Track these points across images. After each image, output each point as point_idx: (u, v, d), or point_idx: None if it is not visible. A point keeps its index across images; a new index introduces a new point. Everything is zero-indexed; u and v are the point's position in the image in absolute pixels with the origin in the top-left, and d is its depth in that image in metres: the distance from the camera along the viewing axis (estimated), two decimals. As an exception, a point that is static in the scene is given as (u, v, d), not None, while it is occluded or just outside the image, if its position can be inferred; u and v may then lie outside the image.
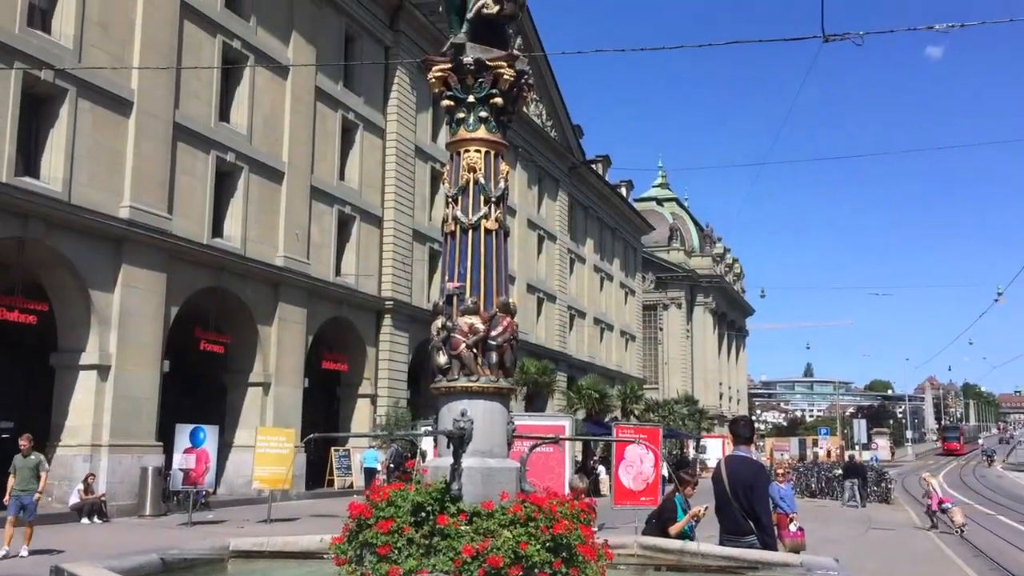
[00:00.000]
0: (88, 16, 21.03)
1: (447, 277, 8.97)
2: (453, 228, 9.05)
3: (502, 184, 9.29)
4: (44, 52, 19.82)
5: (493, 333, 8.42)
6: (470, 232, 8.91)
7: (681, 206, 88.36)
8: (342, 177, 31.18)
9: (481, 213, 8.98)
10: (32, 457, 14.59)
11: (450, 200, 9.31)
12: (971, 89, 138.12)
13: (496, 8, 9.64)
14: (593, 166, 56.44)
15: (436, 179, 35.34)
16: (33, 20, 20.10)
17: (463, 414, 7.50)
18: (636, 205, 69.39)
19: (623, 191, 63.31)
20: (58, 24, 20.61)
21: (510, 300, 8.71)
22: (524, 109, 10.50)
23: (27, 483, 14.38)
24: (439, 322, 8.75)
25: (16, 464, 14.52)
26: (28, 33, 19.63)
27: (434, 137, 36.23)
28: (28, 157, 20.07)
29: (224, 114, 25.82)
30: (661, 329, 76.53)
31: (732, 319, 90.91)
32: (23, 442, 14.66)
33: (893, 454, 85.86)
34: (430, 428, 11.50)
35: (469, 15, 9.86)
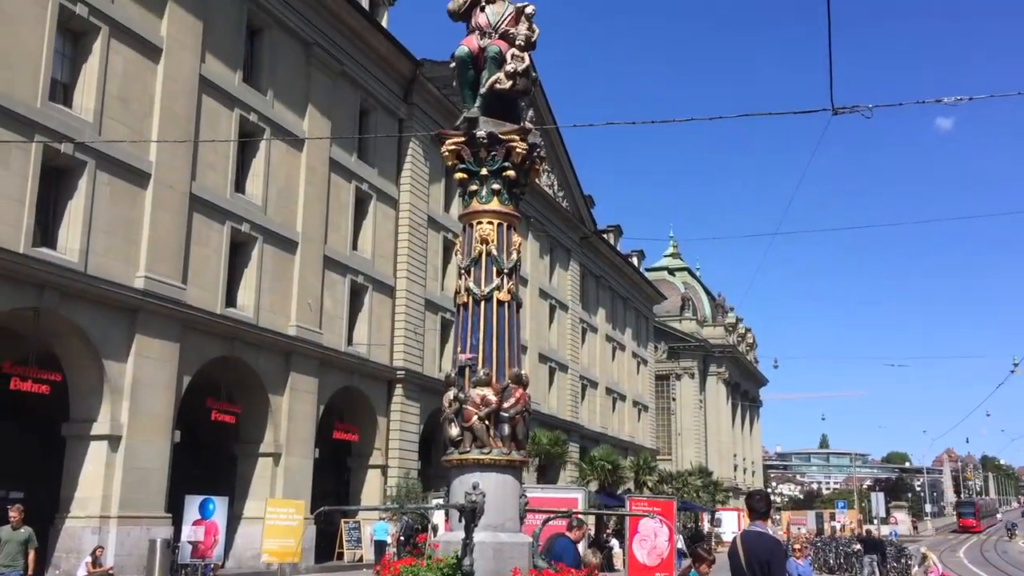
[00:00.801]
0: (109, 91, 21.48)
1: (459, 348, 8.99)
2: (466, 299, 9.11)
3: (515, 255, 9.38)
4: (64, 125, 20.21)
5: (505, 405, 8.41)
6: (482, 303, 8.97)
7: (693, 275, 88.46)
8: (355, 247, 31.41)
9: (494, 285, 9.06)
10: (22, 531, 13.62)
11: (463, 271, 9.38)
12: (983, 159, 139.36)
13: (509, 84, 9.85)
14: (604, 236, 56.74)
15: (448, 249, 35.54)
16: (55, 94, 20.54)
17: (475, 487, 7.43)
18: (648, 274, 69.52)
19: (635, 261, 63.50)
20: (79, 98, 21.05)
21: (522, 371, 8.71)
22: (536, 180, 10.55)
23: (13, 559, 13.38)
24: (451, 393, 8.75)
25: (3, 537, 13.49)
26: (49, 107, 20.04)
27: (447, 207, 36.55)
28: (46, 228, 20.32)
29: (240, 185, 26.16)
30: (674, 399, 75.97)
31: (746, 389, 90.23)
32: (13, 514, 13.67)
33: (916, 528, 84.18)
34: (441, 501, 11.37)
35: (482, 90, 10.07)
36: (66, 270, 19.93)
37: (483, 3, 10.19)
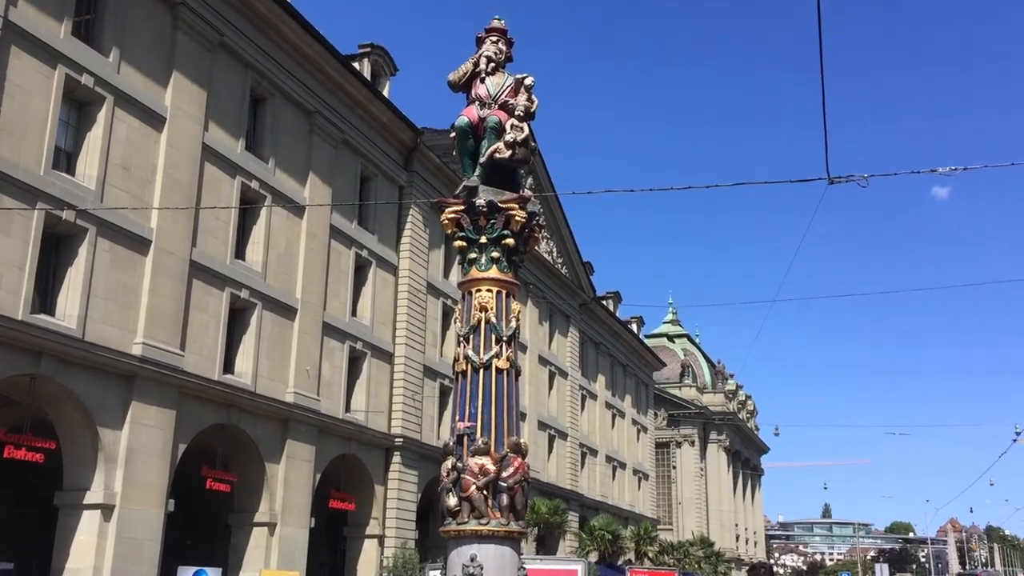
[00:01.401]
0: (112, 158, 21.70)
1: (458, 416, 8.93)
2: (464, 367, 9.08)
3: (513, 323, 9.38)
4: (67, 193, 20.36)
5: (504, 474, 8.32)
6: (481, 371, 8.95)
7: (692, 342, 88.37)
8: (354, 313, 31.42)
9: (492, 352, 9.05)
10: None
11: (461, 339, 9.37)
12: (980, 227, 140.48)
13: (508, 153, 9.97)
14: (604, 302, 56.83)
15: (447, 315, 35.54)
16: (59, 162, 20.74)
17: (472, 559, 7.33)
18: (647, 341, 69.44)
19: (634, 327, 63.49)
20: (82, 166, 21.25)
21: (521, 440, 8.64)
22: (535, 247, 10.64)
23: None
24: (449, 463, 8.67)
25: None
26: (52, 175, 20.22)
27: (446, 274, 36.66)
28: (45, 294, 20.33)
29: (240, 251, 26.27)
30: (674, 467, 75.26)
31: (747, 457, 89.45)
32: None
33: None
34: (439, 573, 11.19)
35: (482, 159, 10.19)
36: (64, 337, 19.89)
37: (483, 74, 10.39)
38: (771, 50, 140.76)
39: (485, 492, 8.20)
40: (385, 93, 33.89)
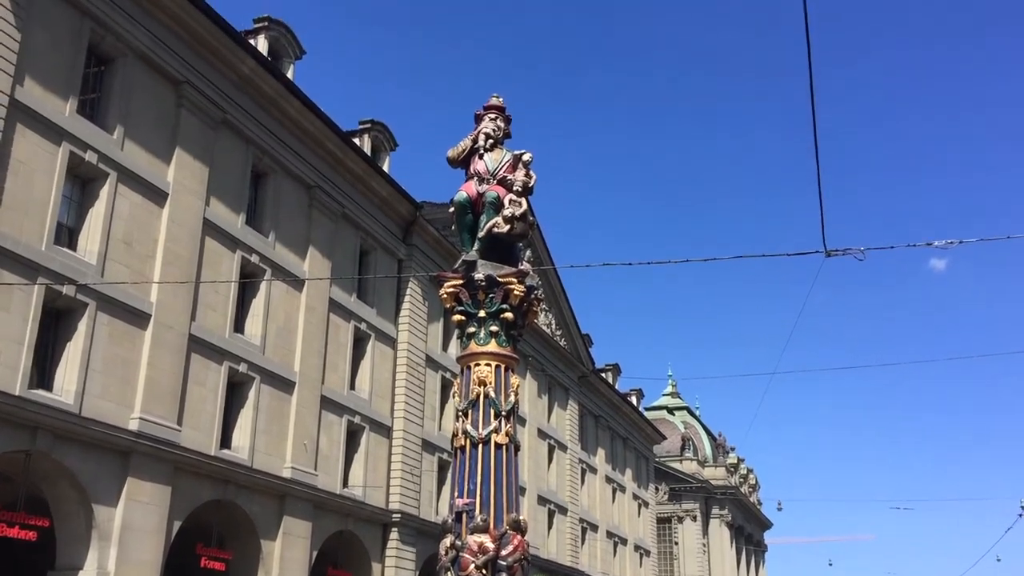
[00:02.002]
0: (113, 234, 21.85)
1: (456, 493, 8.83)
2: (463, 442, 9.03)
3: (512, 398, 9.35)
4: (68, 268, 20.45)
5: (503, 553, 8.20)
6: (480, 447, 8.88)
7: (692, 415, 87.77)
8: (353, 387, 31.29)
9: (491, 427, 8.99)
10: None
11: (460, 414, 9.33)
12: (979, 299, 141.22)
13: (506, 228, 10.06)
14: (603, 375, 56.60)
15: (446, 388, 35.37)
16: (60, 238, 20.87)
17: (472, 641, 7.16)
18: (647, 414, 68.98)
19: (633, 400, 63.14)
20: (84, 241, 21.38)
21: (521, 517, 8.53)
22: (534, 320, 10.68)
23: None
24: (448, 540, 8.55)
25: None
26: (54, 250, 20.33)
27: (445, 346, 36.61)
28: (43, 369, 20.27)
29: (239, 325, 26.27)
30: (676, 543, 74.06)
31: (750, 532, 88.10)
32: None
33: None
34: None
35: (480, 234, 10.28)
36: (61, 412, 19.76)
37: (482, 150, 10.54)
38: (766, 121, 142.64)
39: (484, 571, 8.08)
40: (385, 168, 34.30)
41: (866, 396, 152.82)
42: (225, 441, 25.14)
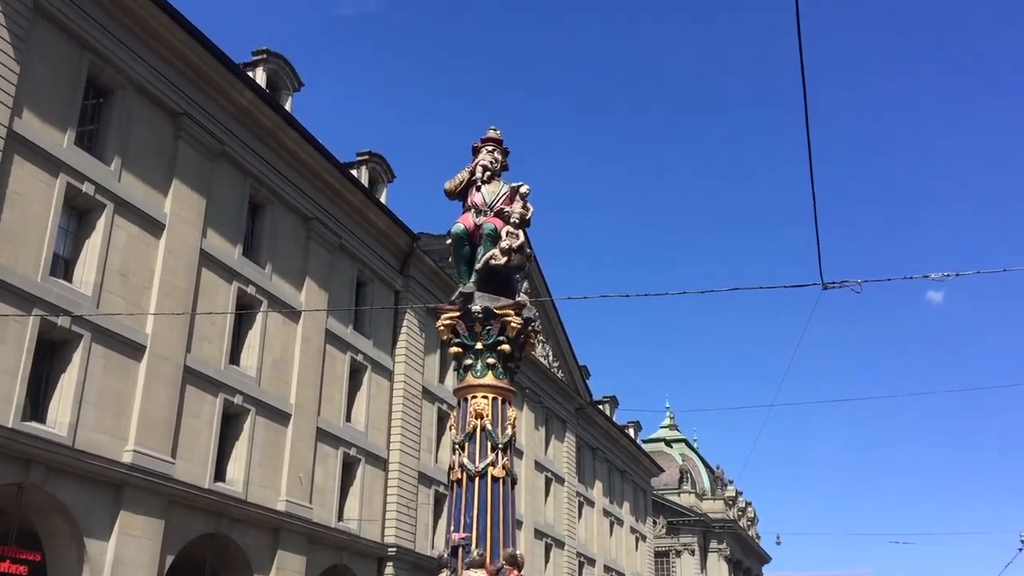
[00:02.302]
0: (110, 265, 21.83)
1: (452, 527, 8.75)
2: (460, 476, 8.96)
3: (509, 430, 9.30)
4: (63, 299, 20.41)
5: (500, 588, 8.10)
6: (477, 480, 8.82)
7: (690, 447, 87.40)
8: (348, 419, 31.14)
9: (488, 460, 8.94)
10: None
11: (457, 447, 9.27)
12: (977, 331, 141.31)
13: (504, 260, 10.06)
14: (600, 407, 56.43)
15: (443, 420, 35.21)
16: (56, 269, 20.85)
17: None
18: (645, 446, 68.68)
19: (631, 432, 62.90)
20: (80, 272, 21.36)
21: (517, 552, 8.45)
22: (531, 352, 10.66)
23: None
24: (444, 575, 8.46)
25: None
26: (49, 282, 20.30)
27: (441, 378, 36.49)
28: (37, 401, 20.16)
29: (235, 356, 26.18)
30: (675, 577, 73.41)
31: (748, 567, 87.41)
32: None
33: None
34: None
35: (478, 266, 10.28)
36: (54, 445, 19.62)
37: (479, 182, 10.57)
38: (763, 152, 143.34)
39: (480, 606, 7.99)
40: (382, 199, 34.39)
41: (865, 429, 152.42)
42: (219, 474, 24.96)
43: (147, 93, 23.40)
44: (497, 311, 9.59)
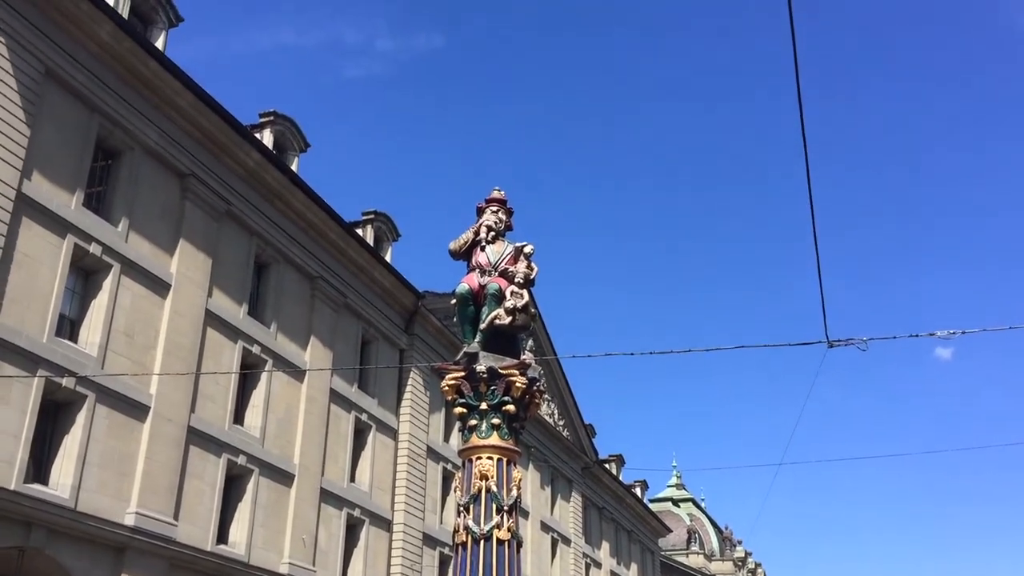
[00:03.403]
0: (115, 325, 21.89)
1: (458, 591, 8.65)
2: (465, 539, 8.88)
3: (515, 492, 9.23)
4: (68, 360, 20.43)
5: (506, 654, 7.98)
6: (482, 543, 8.73)
7: (698, 507, 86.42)
8: (353, 479, 30.90)
9: (493, 523, 8.86)
10: None
11: (461, 509, 9.20)
12: (985, 389, 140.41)
13: (508, 320, 10.10)
14: (607, 466, 55.92)
15: (448, 480, 34.93)
16: (62, 330, 20.91)
17: None
18: (652, 506, 67.93)
19: (638, 491, 62.25)
20: (85, 333, 21.41)
21: (524, 616, 8.35)
22: (536, 411, 10.64)
23: None
24: (449, 642, 8.35)
25: None
26: (55, 342, 20.35)
27: (446, 437, 36.29)
28: (40, 463, 20.06)
29: (239, 416, 26.09)
30: (685, 640, 72.07)
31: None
32: None
33: None
34: None
35: (482, 325, 10.31)
36: (56, 507, 19.48)
37: (483, 242, 10.65)
38: (764, 208, 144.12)
39: (486, 673, 7.86)
40: (387, 258, 34.55)
41: (875, 488, 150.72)
42: (222, 536, 24.71)
43: (155, 155, 23.69)
44: (502, 371, 9.60)
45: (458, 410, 9.83)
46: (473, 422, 9.67)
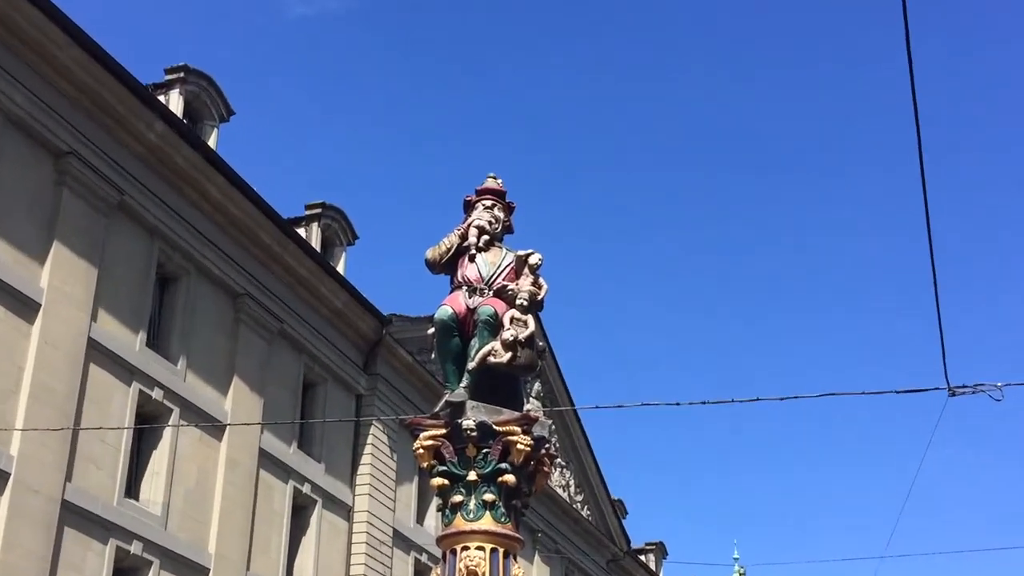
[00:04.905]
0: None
1: None
2: (448, 664, 8.89)
3: (515, 597, 9.25)
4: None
5: None
6: (471, 669, 8.75)
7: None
8: (290, 573, 30.87)
9: (485, 640, 8.87)
10: None
11: (442, 620, 9.21)
12: None
13: (507, 356, 10.08)
14: (642, 556, 55.93)
15: (422, 577, 34.90)
16: None
17: None
18: (706, 613, 67.86)
19: (687, 593, 62.26)
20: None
21: None
22: (546, 483, 10.60)
23: None
24: None
25: None
26: None
27: (419, 518, 36.30)
28: None
29: (132, 487, 26.07)
30: None
31: None
32: None
33: None
34: None
35: (471, 364, 10.30)
36: None
37: (473, 250, 10.62)
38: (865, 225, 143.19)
39: None
40: (340, 268, 34.64)
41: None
42: (108, 653, 24.69)
43: (24, 127, 23.78)
44: (498, 427, 9.63)
45: (437, 481, 9.85)
46: (458, 499, 9.69)
